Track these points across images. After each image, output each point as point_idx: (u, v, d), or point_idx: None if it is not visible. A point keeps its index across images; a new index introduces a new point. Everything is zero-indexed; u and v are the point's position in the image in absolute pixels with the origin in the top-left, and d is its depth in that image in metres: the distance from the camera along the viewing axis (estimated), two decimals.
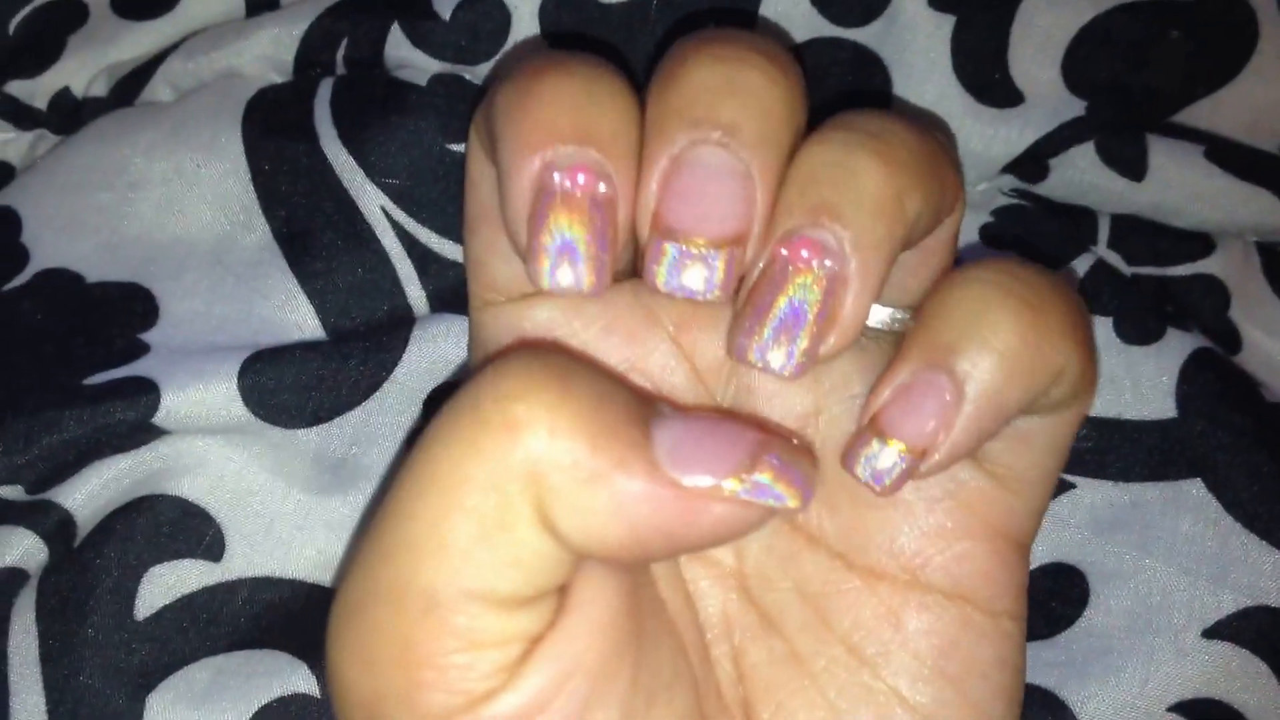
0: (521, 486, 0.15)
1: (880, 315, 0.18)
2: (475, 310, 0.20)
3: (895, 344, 0.18)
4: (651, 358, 0.19)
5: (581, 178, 0.16)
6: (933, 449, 0.17)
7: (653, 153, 0.16)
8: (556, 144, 0.16)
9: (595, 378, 0.16)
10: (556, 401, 0.15)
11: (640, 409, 0.16)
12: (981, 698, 0.18)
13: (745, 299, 0.17)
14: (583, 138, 0.16)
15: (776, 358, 0.16)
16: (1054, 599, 0.24)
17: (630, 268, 0.19)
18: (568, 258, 0.16)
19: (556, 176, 0.16)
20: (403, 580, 0.16)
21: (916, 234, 0.17)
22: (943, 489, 0.18)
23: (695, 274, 0.16)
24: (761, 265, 0.16)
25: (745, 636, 0.19)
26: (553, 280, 0.16)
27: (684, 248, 0.16)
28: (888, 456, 0.17)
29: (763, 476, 0.15)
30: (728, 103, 0.16)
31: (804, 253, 0.16)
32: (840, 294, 0.16)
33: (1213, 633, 0.23)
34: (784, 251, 0.16)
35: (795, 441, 0.17)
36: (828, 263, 0.16)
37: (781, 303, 0.16)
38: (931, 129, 0.18)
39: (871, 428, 0.17)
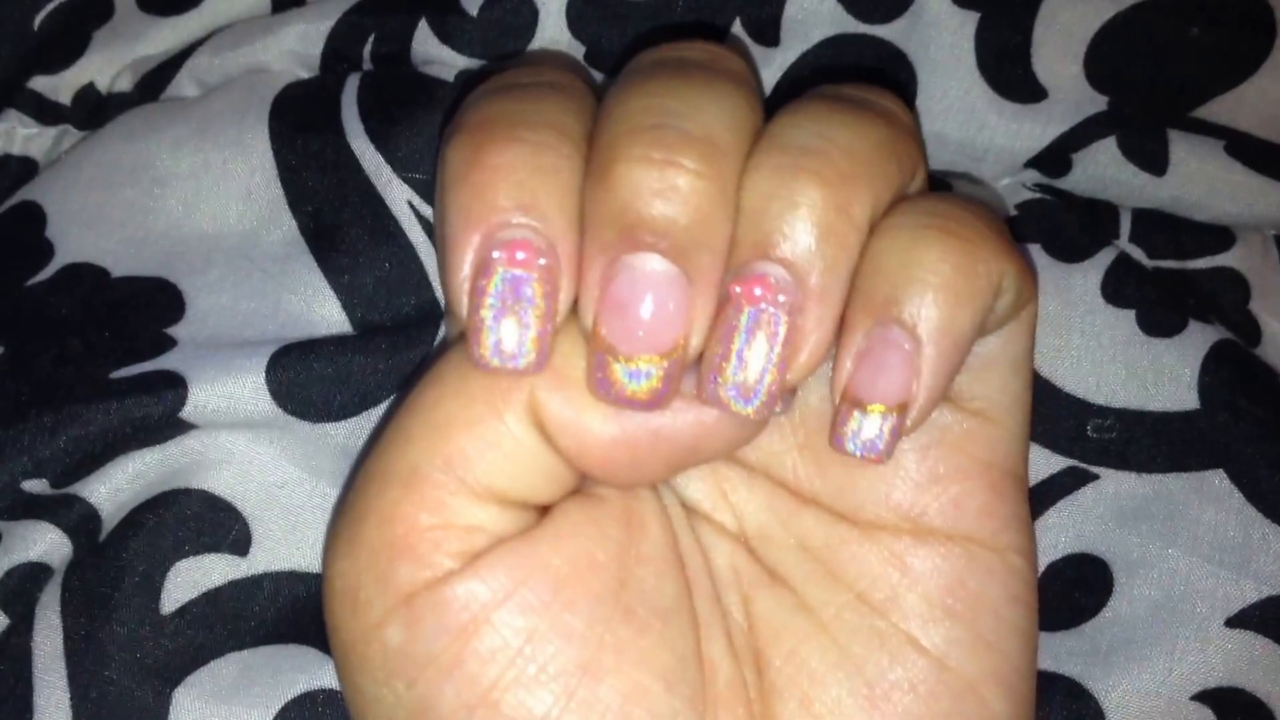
0: (509, 383, 0.16)
1: None
2: (450, 324, 0.20)
3: None
4: None
5: (521, 254, 0.16)
6: (910, 401, 0.16)
7: (589, 256, 0.16)
8: (498, 218, 0.16)
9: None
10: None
11: None
12: (995, 635, 0.18)
13: (708, 341, 0.16)
14: (525, 209, 0.16)
15: (740, 400, 0.16)
16: (1077, 589, 0.24)
17: None
18: (510, 332, 0.16)
19: (496, 254, 0.16)
20: (391, 461, 0.17)
21: (875, 222, 0.17)
22: (928, 437, 0.18)
23: (638, 387, 0.16)
24: (720, 299, 0.16)
25: (753, 589, 0.19)
26: (493, 356, 0.16)
27: (624, 364, 0.16)
28: (871, 424, 0.17)
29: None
30: (660, 207, 0.16)
31: (756, 290, 0.16)
32: (800, 322, 0.16)
33: (1236, 622, 0.23)
34: (737, 289, 0.16)
35: None
36: (781, 297, 0.16)
37: (738, 344, 0.16)
38: (879, 105, 0.18)
39: (846, 401, 0.17)
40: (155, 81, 0.27)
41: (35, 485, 0.23)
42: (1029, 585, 0.18)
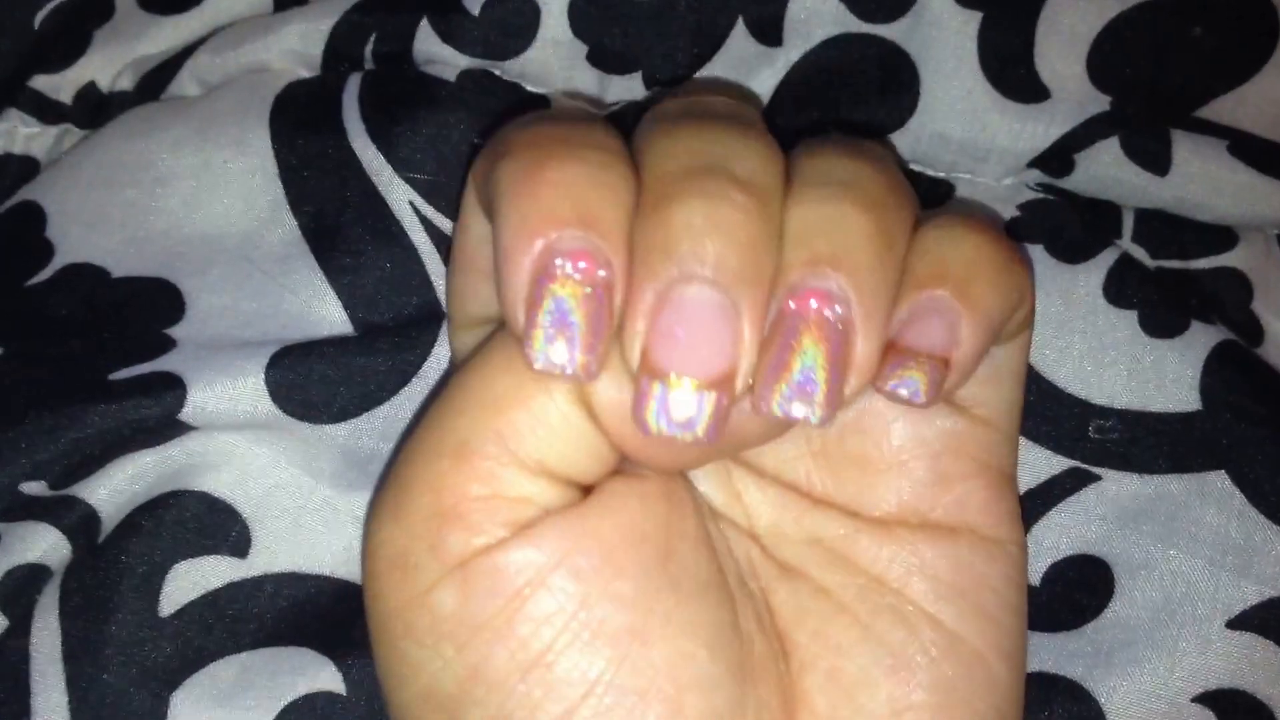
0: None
1: None
2: (453, 333, 0.21)
3: None
4: None
5: (583, 264, 0.16)
6: (952, 357, 0.17)
7: (639, 287, 0.16)
8: (560, 228, 0.16)
9: None
10: None
11: None
12: (996, 612, 0.19)
13: (762, 356, 0.17)
14: (586, 223, 0.16)
15: (799, 409, 0.17)
16: (1079, 590, 0.24)
17: None
18: (564, 340, 0.16)
19: (558, 261, 0.16)
20: (442, 434, 0.17)
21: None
22: (941, 444, 0.19)
23: (684, 416, 0.16)
24: (772, 319, 0.17)
25: (769, 580, 0.20)
26: (546, 361, 0.16)
27: (672, 391, 0.16)
28: (920, 370, 0.17)
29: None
30: (713, 242, 0.16)
31: (813, 302, 0.16)
32: (852, 337, 0.17)
33: (1237, 624, 0.23)
34: (792, 304, 0.16)
35: None
36: (837, 308, 0.16)
37: (796, 359, 0.16)
38: (885, 154, 0.19)
39: (894, 349, 0.17)
40: (156, 81, 0.27)
41: (34, 487, 0.22)
42: (1021, 570, 0.20)
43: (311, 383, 0.23)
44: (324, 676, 0.22)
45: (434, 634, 0.17)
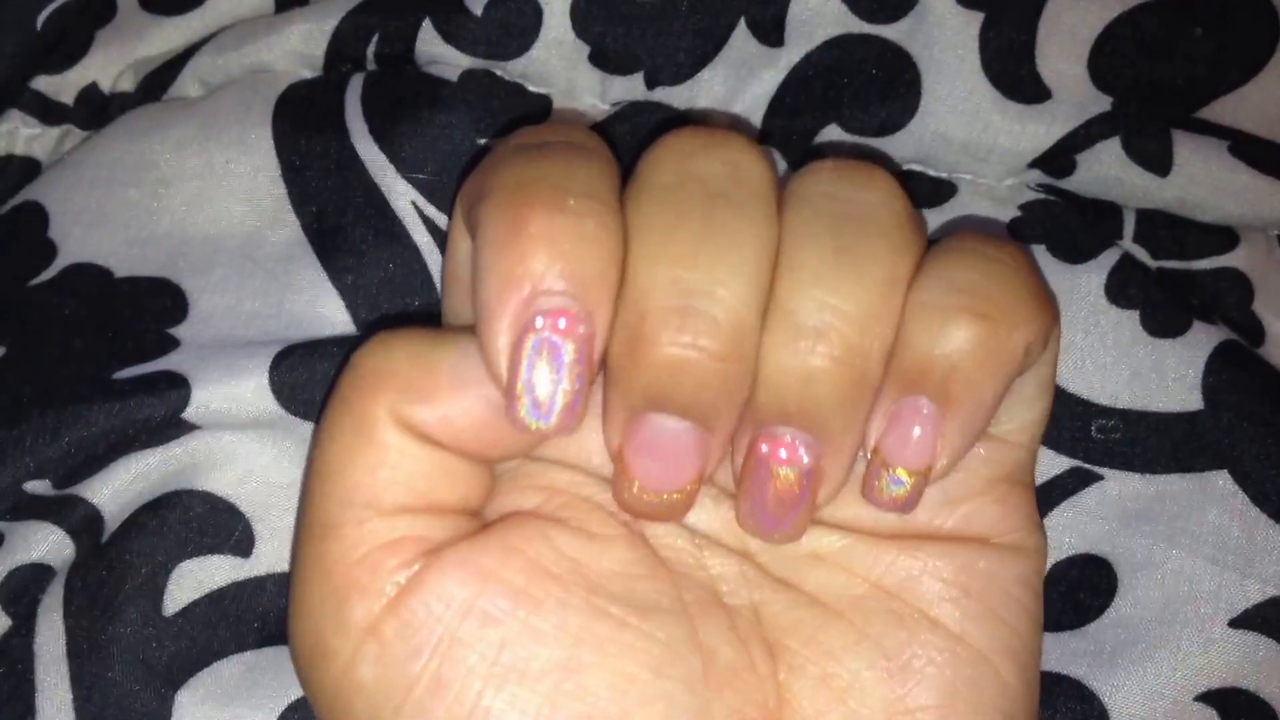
0: (371, 397, 0.17)
1: None
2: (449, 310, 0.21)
3: None
4: None
5: (563, 322, 0.16)
6: (935, 463, 0.17)
7: (614, 406, 0.17)
8: (541, 285, 0.16)
9: (422, 333, 0.18)
10: (388, 337, 0.18)
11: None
12: (1007, 612, 0.19)
13: (739, 484, 0.18)
14: (568, 279, 0.16)
15: (781, 529, 0.18)
16: (1082, 590, 0.24)
17: None
18: (547, 398, 0.16)
19: (540, 321, 0.16)
20: (309, 522, 0.18)
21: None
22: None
23: (660, 508, 0.17)
24: (745, 450, 0.17)
25: (763, 593, 0.19)
26: (531, 419, 0.17)
27: (648, 491, 0.17)
28: (899, 482, 0.18)
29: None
30: (685, 385, 0.17)
31: (781, 453, 0.17)
32: (821, 468, 0.17)
33: (1239, 623, 0.23)
34: (764, 447, 0.17)
35: None
36: (804, 458, 0.17)
37: (771, 492, 0.17)
38: (876, 196, 0.18)
39: (878, 459, 0.18)
40: (158, 81, 0.26)
41: (38, 486, 0.22)
42: (1037, 572, 0.19)
43: (315, 382, 0.23)
44: None
45: (369, 706, 0.17)
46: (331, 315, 0.24)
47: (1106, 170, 0.25)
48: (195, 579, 0.22)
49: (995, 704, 0.18)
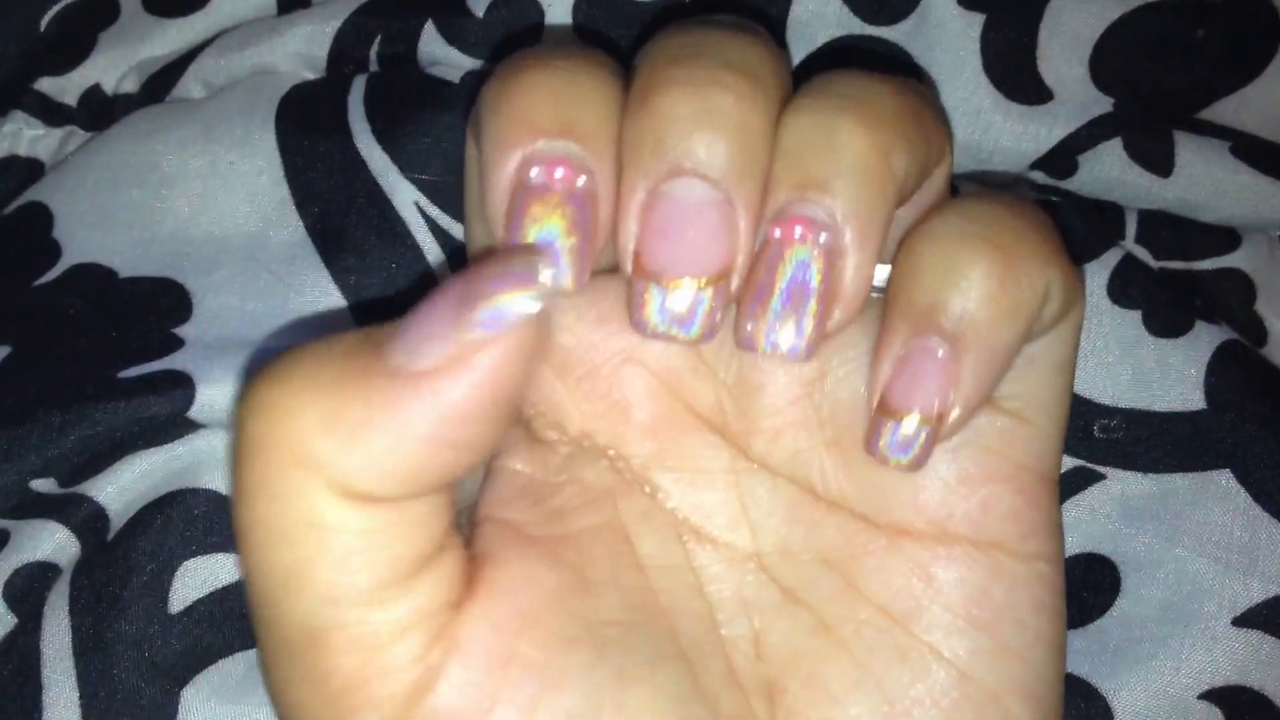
0: (300, 481, 0.14)
1: (881, 274, 0.17)
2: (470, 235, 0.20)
3: None
4: (648, 345, 0.18)
5: (560, 172, 0.15)
6: (947, 410, 0.16)
7: (628, 184, 0.16)
8: (535, 138, 0.15)
9: (311, 357, 0.15)
10: (278, 400, 0.14)
11: (365, 344, 0.15)
12: (1021, 645, 0.17)
13: (745, 285, 0.16)
14: (562, 131, 0.15)
15: (785, 340, 0.16)
16: (1085, 589, 0.24)
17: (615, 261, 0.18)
18: (547, 254, 0.15)
19: (534, 171, 0.15)
20: (283, 635, 0.15)
21: (907, 190, 0.16)
22: (961, 437, 0.17)
23: (681, 316, 0.16)
24: (757, 247, 0.16)
25: (766, 616, 0.18)
26: (534, 276, 0.15)
27: (668, 290, 0.15)
28: (906, 432, 0.16)
29: (486, 307, 0.14)
30: (702, 131, 0.15)
31: (798, 230, 0.15)
32: (840, 266, 0.16)
33: (1243, 621, 0.23)
34: (778, 232, 0.16)
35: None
36: (823, 237, 0.15)
37: (781, 284, 0.16)
38: (911, 82, 0.17)
39: (883, 409, 0.16)
40: (161, 83, 0.27)
41: (43, 484, 0.23)
42: (1056, 592, 0.18)
43: None
44: None
45: None
46: (334, 315, 0.24)
47: (1108, 171, 0.25)
48: (200, 577, 0.22)
49: None
